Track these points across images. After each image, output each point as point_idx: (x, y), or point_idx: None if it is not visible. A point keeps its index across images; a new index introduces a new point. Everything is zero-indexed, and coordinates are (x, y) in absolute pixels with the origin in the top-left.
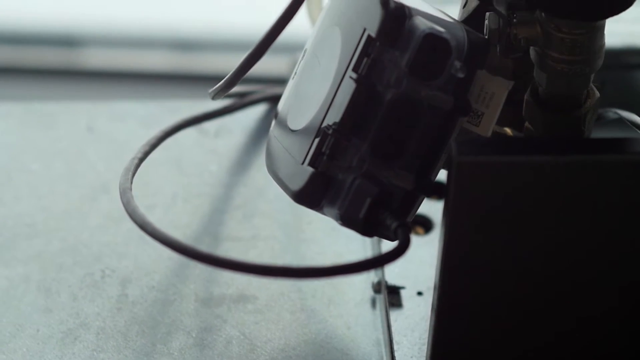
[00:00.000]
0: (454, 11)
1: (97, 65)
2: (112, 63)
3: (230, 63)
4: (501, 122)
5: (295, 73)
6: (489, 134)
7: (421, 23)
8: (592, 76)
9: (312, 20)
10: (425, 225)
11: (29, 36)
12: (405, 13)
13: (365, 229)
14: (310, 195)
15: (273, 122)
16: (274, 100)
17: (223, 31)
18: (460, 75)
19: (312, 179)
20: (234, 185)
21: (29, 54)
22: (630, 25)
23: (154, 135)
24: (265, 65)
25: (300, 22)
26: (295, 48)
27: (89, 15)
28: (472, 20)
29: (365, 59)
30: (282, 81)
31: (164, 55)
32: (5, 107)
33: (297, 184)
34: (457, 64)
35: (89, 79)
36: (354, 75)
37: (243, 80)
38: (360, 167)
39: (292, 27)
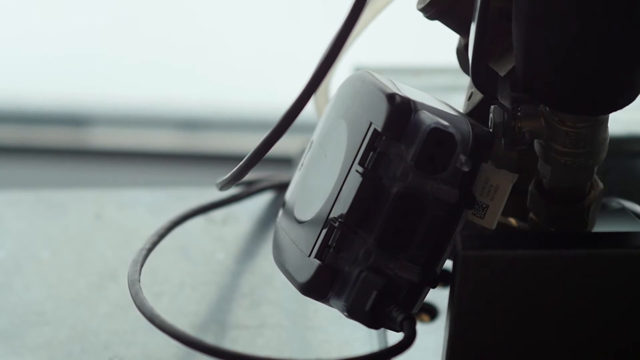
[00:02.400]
0: (458, 99)
1: (104, 144)
2: (120, 142)
3: (237, 142)
4: (506, 212)
5: (302, 164)
6: (494, 226)
7: (427, 117)
8: (596, 168)
9: (319, 111)
10: (431, 312)
11: (36, 116)
12: (410, 107)
13: (371, 321)
14: (317, 288)
15: (280, 212)
16: (281, 188)
17: (229, 111)
18: (465, 169)
19: (318, 272)
20: (241, 273)
21: (36, 133)
22: (633, 113)
23: (162, 226)
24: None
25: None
26: (298, 129)
27: (96, 94)
28: (476, 112)
29: (371, 153)
30: (287, 160)
31: (171, 134)
32: (16, 194)
33: (304, 276)
34: (462, 157)
35: (97, 158)
36: (360, 169)
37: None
38: (367, 260)
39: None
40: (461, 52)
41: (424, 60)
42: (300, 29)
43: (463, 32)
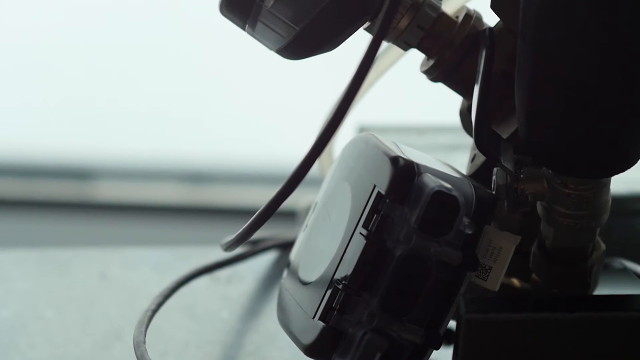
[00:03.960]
0: (462, 158)
1: (109, 197)
2: (125, 195)
3: (242, 195)
4: (508, 272)
5: (306, 225)
6: (497, 288)
7: (430, 180)
8: (598, 230)
9: (323, 171)
10: None
11: (41, 169)
12: (414, 170)
13: None
14: (321, 350)
15: (285, 273)
16: (285, 246)
17: (233, 164)
18: (469, 231)
19: (322, 334)
20: (245, 332)
21: (41, 186)
22: (634, 172)
23: (167, 286)
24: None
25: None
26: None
27: (100, 147)
28: (480, 174)
29: (375, 216)
30: (291, 214)
31: (176, 187)
32: (21, 253)
33: (308, 338)
34: (466, 220)
35: (102, 211)
36: (364, 232)
37: None
38: (371, 322)
39: None
40: (464, 113)
41: (427, 119)
42: (305, 83)
43: (466, 94)
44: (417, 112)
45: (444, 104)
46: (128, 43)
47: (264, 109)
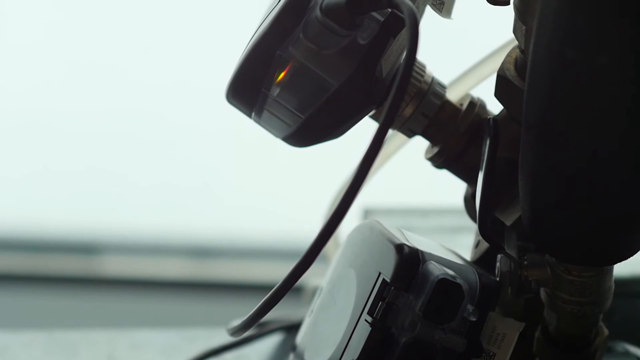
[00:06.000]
0: (466, 240)
1: (116, 272)
2: (132, 270)
3: (246, 271)
4: (512, 357)
5: (312, 310)
6: None
7: (435, 268)
8: (601, 316)
9: (328, 256)
10: None
11: (47, 244)
12: (419, 258)
13: None
14: None
15: (291, 357)
16: (291, 328)
17: (238, 239)
18: (473, 318)
19: None
20: None
21: (47, 261)
22: (637, 254)
23: None
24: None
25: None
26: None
27: (107, 223)
28: (484, 260)
29: (380, 303)
30: (297, 289)
31: (183, 262)
32: (29, 335)
33: None
34: (470, 307)
35: (109, 287)
36: (369, 319)
37: None
38: None
39: None
40: (468, 200)
41: (431, 201)
42: (311, 157)
43: (470, 181)
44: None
45: (448, 187)
46: (134, 113)
47: (272, 184)
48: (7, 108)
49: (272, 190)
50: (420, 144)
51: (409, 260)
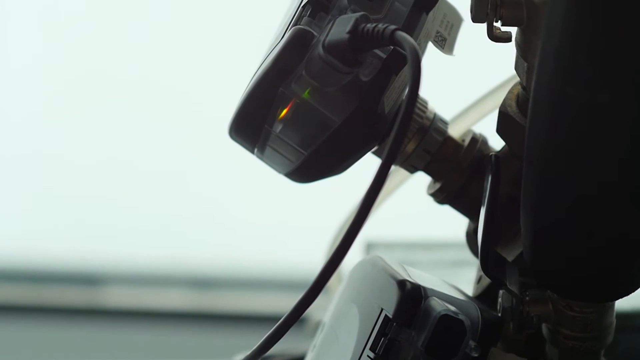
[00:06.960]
0: (468, 274)
1: (118, 303)
2: (134, 301)
3: (249, 302)
4: None
5: (314, 345)
6: None
7: (437, 304)
8: (603, 351)
9: (331, 291)
10: None
11: (49, 275)
12: (421, 294)
13: None
14: None
15: None
16: None
17: (242, 270)
18: (475, 354)
19: None
20: None
21: (49, 293)
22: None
23: None
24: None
25: None
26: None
27: (110, 253)
28: (485, 295)
29: (382, 339)
30: (299, 321)
31: (185, 293)
32: None
33: None
34: (472, 343)
35: (110, 318)
36: (372, 355)
37: None
38: None
39: None
40: (470, 235)
41: (433, 235)
42: (315, 189)
43: (472, 217)
44: (423, 227)
45: (450, 220)
46: (136, 143)
47: (275, 215)
48: (8, 137)
49: (276, 221)
50: (423, 178)
51: (411, 296)
